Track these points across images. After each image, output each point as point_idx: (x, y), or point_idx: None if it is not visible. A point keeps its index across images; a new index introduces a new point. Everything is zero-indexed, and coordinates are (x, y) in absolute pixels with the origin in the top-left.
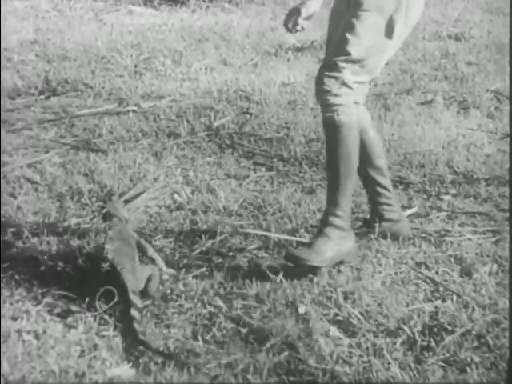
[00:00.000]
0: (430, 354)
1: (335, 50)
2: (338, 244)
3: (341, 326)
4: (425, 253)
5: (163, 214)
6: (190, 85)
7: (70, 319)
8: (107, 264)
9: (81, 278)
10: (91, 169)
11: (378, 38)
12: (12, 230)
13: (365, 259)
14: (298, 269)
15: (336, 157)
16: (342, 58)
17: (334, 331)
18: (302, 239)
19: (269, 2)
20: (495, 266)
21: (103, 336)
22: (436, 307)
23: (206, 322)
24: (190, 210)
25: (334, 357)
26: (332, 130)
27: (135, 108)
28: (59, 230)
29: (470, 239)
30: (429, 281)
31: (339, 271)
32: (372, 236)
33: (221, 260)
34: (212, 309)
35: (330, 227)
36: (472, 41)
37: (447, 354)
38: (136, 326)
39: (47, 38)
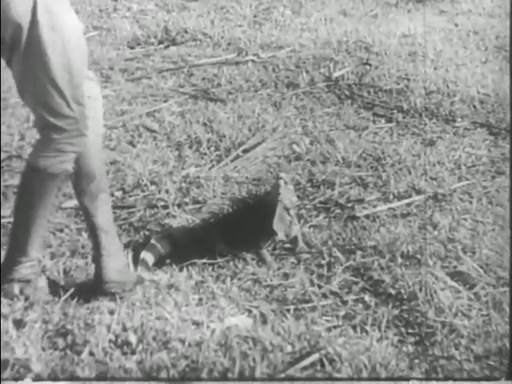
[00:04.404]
0: None
1: None
2: None
3: (459, 279)
4: None
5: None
6: (309, 35)
7: (188, 268)
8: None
9: (202, 229)
10: (210, 118)
11: None
12: (131, 177)
13: (485, 214)
14: None
15: None
16: None
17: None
18: None
19: None
20: None
21: (221, 285)
22: None
23: (324, 272)
24: (308, 160)
25: (454, 310)
26: None
27: (254, 58)
28: (178, 178)
29: None
30: None
31: (459, 224)
32: None
33: (339, 211)
34: (331, 259)
35: None
36: None
37: None
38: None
39: None
